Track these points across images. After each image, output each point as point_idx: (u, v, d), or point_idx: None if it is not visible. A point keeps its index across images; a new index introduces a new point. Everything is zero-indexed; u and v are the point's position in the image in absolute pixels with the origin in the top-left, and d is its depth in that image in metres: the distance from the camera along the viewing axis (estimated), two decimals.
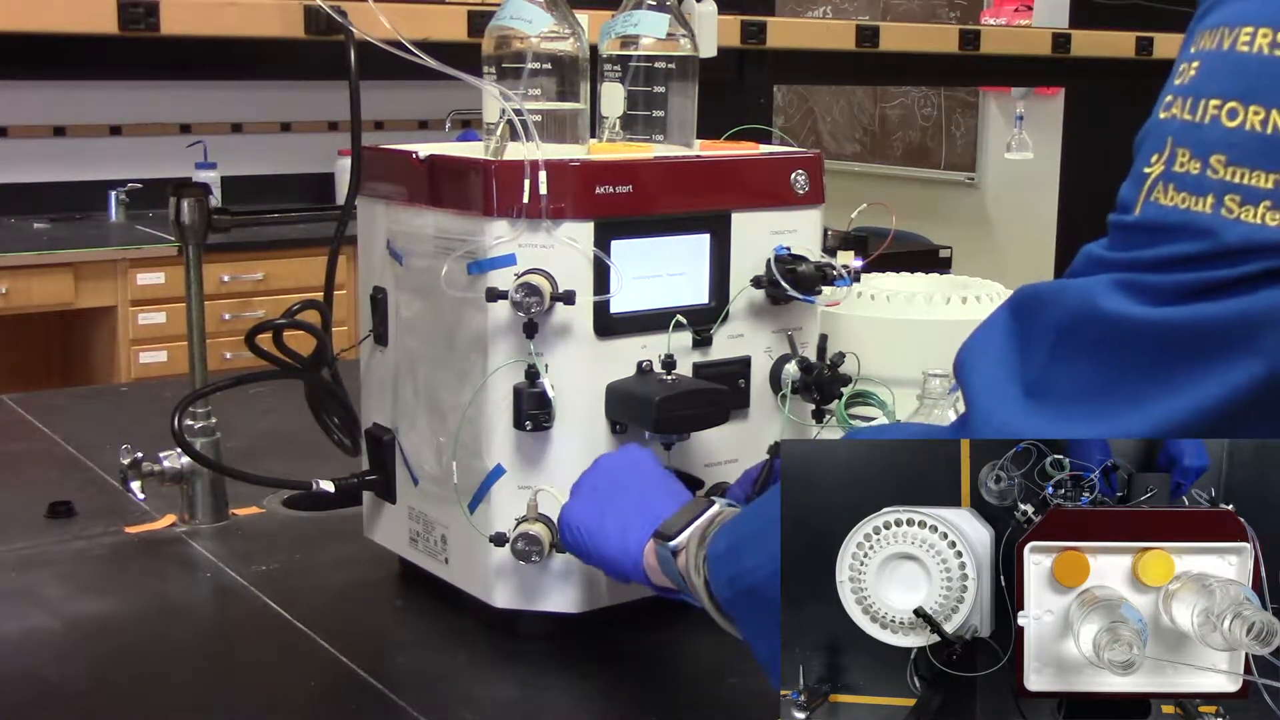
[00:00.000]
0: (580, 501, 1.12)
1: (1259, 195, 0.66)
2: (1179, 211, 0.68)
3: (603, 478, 1.12)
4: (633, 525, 1.05)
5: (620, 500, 1.09)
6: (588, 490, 1.12)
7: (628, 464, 1.12)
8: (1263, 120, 0.66)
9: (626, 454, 1.14)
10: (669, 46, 1.26)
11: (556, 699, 1.14)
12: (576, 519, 1.11)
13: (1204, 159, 0.67)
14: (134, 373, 3.85)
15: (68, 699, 1.14)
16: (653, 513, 1.04)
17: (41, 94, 4.26)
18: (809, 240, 1.27)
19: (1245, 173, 0.66)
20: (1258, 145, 0.66)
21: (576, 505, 1.12)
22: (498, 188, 1.14)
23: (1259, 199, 0.66)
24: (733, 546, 0.93)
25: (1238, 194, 0.66)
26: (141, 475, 1.47)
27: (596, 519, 1.09)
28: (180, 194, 1.48)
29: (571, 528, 1.11)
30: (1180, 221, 0.68)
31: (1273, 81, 0.66)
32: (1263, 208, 0.66)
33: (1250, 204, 0.66)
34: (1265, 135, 0.66)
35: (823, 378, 1.25)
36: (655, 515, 1.04)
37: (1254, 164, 0.66)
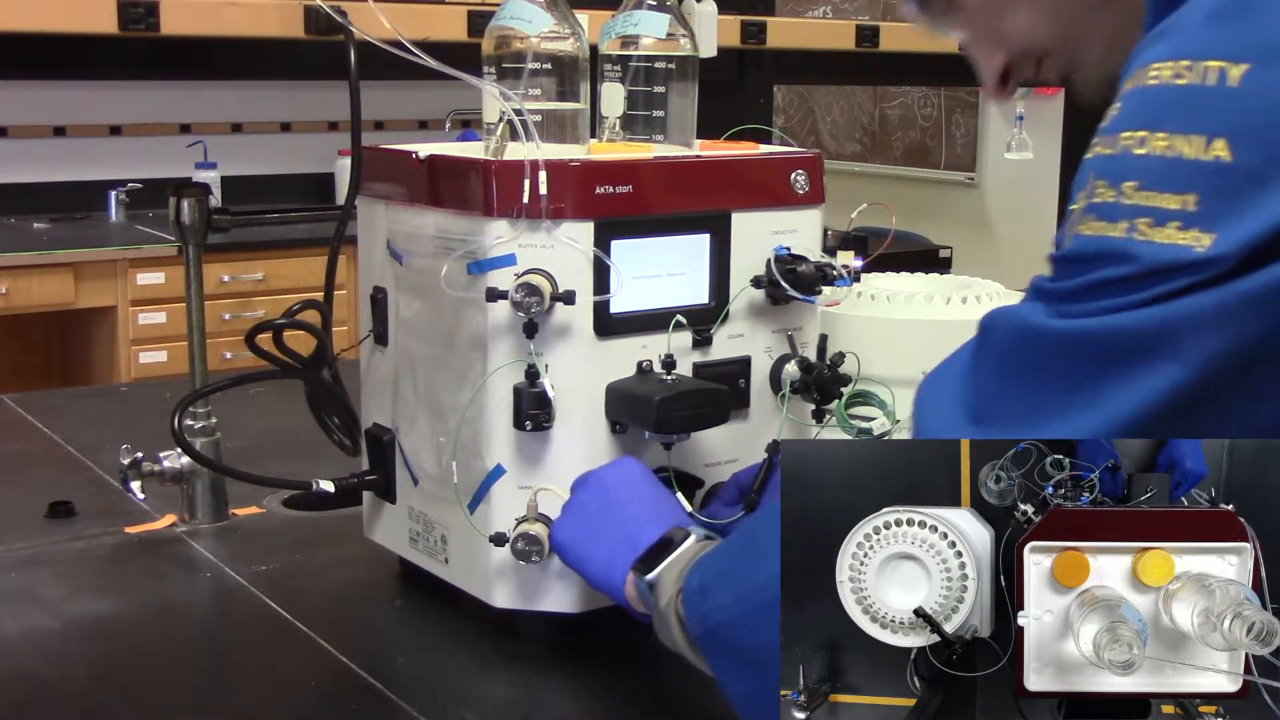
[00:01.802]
0: (567, 523, 1.12)
1: (1167, 216, 0.68)
2: (1097, 239, 0.71)
3: (590, 497, 1.12)
4: (616, 552, 1.06)
5: (605, 524, 1.09)
6: (575, 511, 1.12)
7: (616, 482, 1.12)
8: (1166, 145, 0.69)
9: (616, 470, 1.13)
10: (669, 46, 1.26)
11: (556, 699, 1.14)
12: (564, 541, 1.12)
13: (1118, 187, 0.70)
14: (134, 373, 3.84)
15: (68, 699, 1.14)
16: (636, 540, 1.05)
17: (41, 94, 4.26)
18: (809, 240, 1.27)
19: (1154, 195, 0.69)
20: (1163, 169, 0.69)
21: (564, 526, 1.12)
22: (498, 188, 1.14)
23: (1167, 220, 0.68)
24: (704, 584, 0.94)
25: (1149, 216, 0.69)
26: (141, 475, 1.47)
27: (583, 544, 1.10)
28: (180, 194, 1.48)
29: (560, 548, 1.12)
30: (1098, 249, 0.71)
31: (1174, 109, 0.70)
32: (1172, 227, 0.68)
33: (1160, 225, 0.69)
34: (1169, 159, 0.69)
35: (823, 378, 1.25)
36: (638, 543, 1.05)
37: (1161, 187, 0.69)
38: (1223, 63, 0.68)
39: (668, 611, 0.98)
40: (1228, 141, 0.67)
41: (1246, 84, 0.67)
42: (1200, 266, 0.67)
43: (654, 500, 1.11)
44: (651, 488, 1.12)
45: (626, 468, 1.13)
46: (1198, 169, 0.68)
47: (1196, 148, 0.68)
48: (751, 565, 0.88)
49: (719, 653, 0.92)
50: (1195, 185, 0.68)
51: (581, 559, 1.10)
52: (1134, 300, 0.69)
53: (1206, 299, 0.67)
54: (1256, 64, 0.67)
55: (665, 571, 1.01)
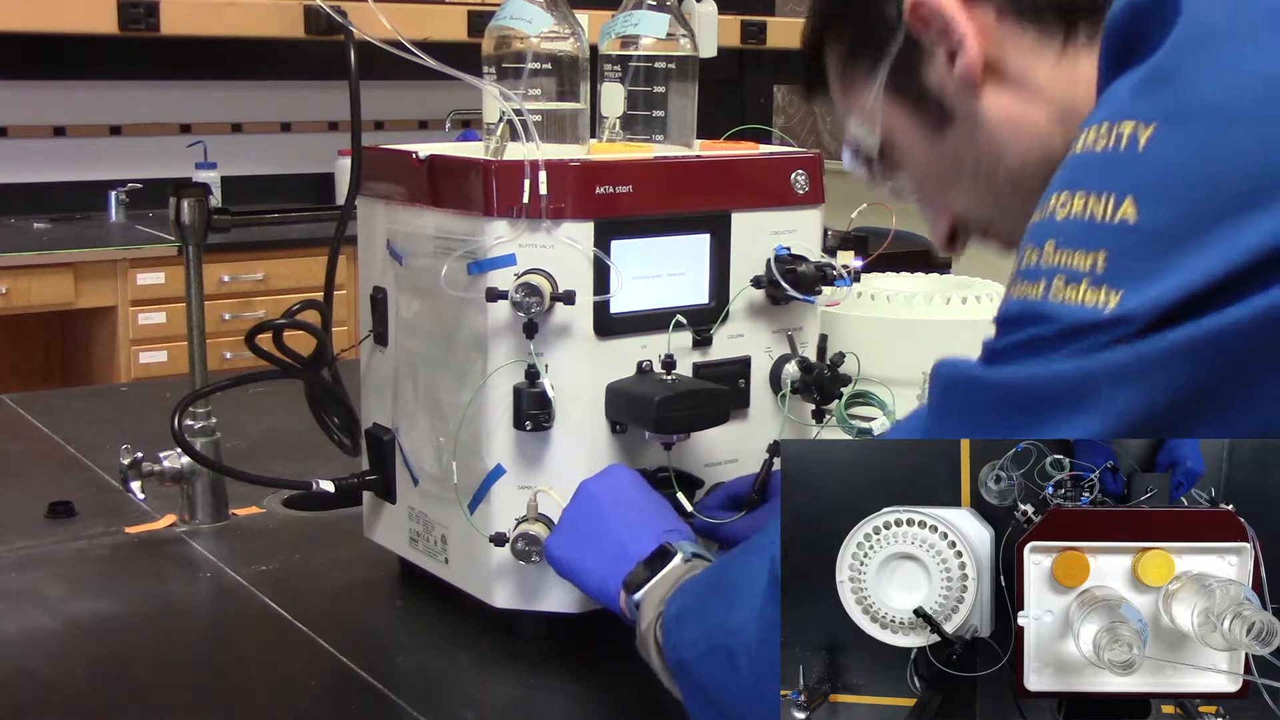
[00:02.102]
0: (562, 537, 1.13)
1: (1079, 275, 0.70)
2: (1020, 302, 0.73)
3: (581, 509, 1.13)
4: (609, 562, 1.07)
5: (597, 535, 1.10)
6: (569, 524, 1.13)
7: (605, 491, 1.13)
8: (1083, 205, 0.70)
9: (605, 479, 1.14)
10: (669, 46, 1.26)
11: (556, 699, 1.14)
12: (559, 555, 1.12)
13: (1040, 248, 0.72)
14: (134, 373, 3.84)
15: (68, 699, 1.14)
16: (627, 549, 1.06)
17: (41, 94, 4.26)
18: (809, 240, 1.27)
19: (1069, 254, 0.70)
20: (1077, 229, 0.70)
21: (559, 541, 1.13)
22: (498, 188, 1.14)
23: (1079, 278, 0.70)
24: (679, 614, 0.95)
25: (1063, 275, 0.70)
26: (141, 475, 1.47)
27: (579, 558, 1.10)
28: (180, 194, 1.48)
29: (555, 563, 1.13)
30: (1020, 310, 0.73)
31: (1090, 170, 0.71)
32: (1084, 285, 0.69)
33: (1074, 283, 0.70)
34: (1083, 220, 0.70)
35: (823, 378, 1.25)
36: (629, 551, 1.06)
37: (1074, 246, 0.70)
38: (1134, 124, 0.70)
39: (648, 635, 1.00)
40: (1134, 201, 0.69)
41: (1152, 145, 0.69)
42: (1109, 325, 0.68)
43: (644, 506, 1.11)
44: (641, 493, 1.13)
45: (614, 476, 1.14)
46: (1106, 229, 0.69)
47: (1106, 208, 0.70)
48: (721, 605, 0.90)
49: (686, 685, 0.95)
50: (1104, 244, 0.69)
51: (576, 571, 1.11)
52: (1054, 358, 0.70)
53: (1120, 354, 0.68)
54: (1163, 124, 0.69)
55: (649, 593, 1.02)
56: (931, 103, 0.90)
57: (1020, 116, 0.87)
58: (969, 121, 0.89)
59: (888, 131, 0.94)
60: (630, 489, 1.13)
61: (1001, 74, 0.87)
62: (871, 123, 0.95)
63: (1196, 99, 0.68)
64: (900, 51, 0.90)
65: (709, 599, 0.92)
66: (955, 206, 0.95)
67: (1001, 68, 0.87)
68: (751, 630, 0.85)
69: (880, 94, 0.92)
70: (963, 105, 0.89)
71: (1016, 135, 0.87)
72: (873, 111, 0.94)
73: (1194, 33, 0.69)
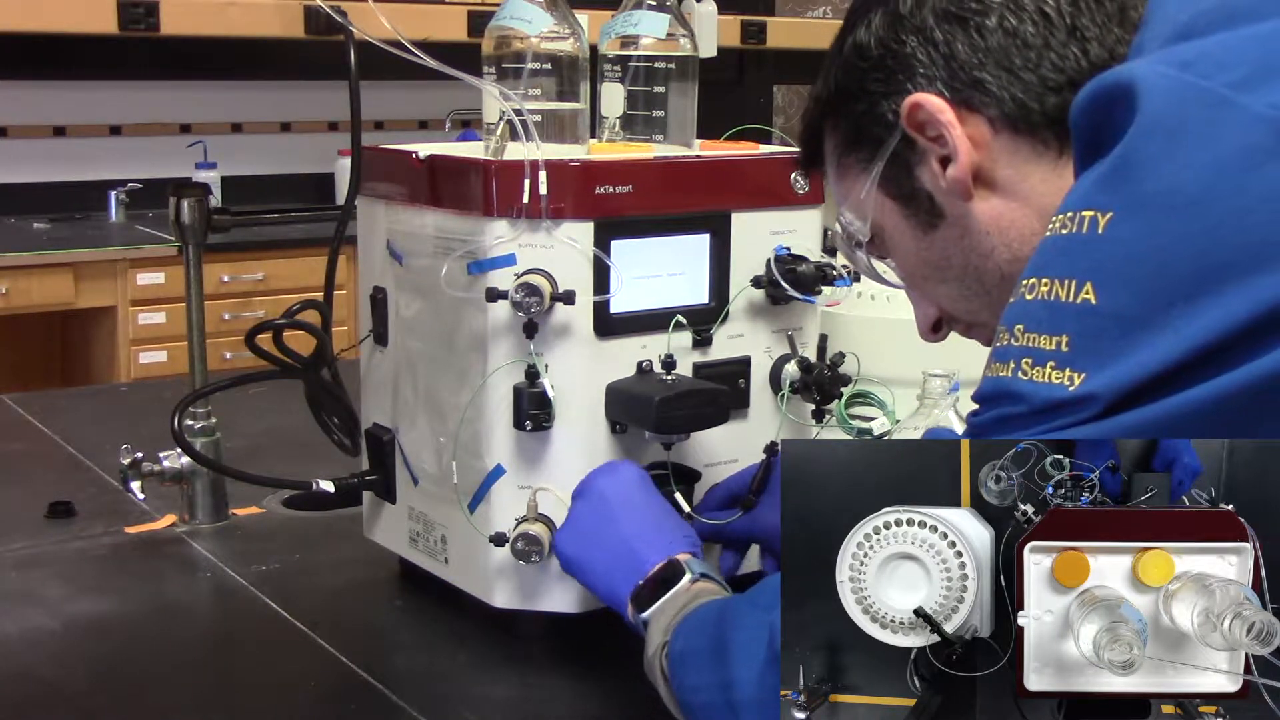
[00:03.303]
0: (571, 534, 1.13)
1: (1045, 356, 0.73)
2: (993, 380, 0.76)
3: (591, 507, 1.13)
4: (618, 569, 1.08)
5: (607, 539, 1.10)
6: (577, 521, 1.13)
7: (617, 493, 1.12)
8: (1048, 290, 0.74)
9: (616, 478, 1.14)
10: (669, 46, 1.26)
11: (556, 699, 1.14)
12: (569, 553, 1.12)
13: (1011, 330, 0.75)
14: (134, 373, 3.84)
15: (68, 699, 1.14)
16: (637, 561, 1.06)
17: (41, 94, 4.25)
18: (809, 240, 1.27)
19: (1035, 337, 0.74)
20: (1044, 312, 0.74)
21: (567, 538, 1.13)
22: (498, 188, 1.14)
23: (1045, 360, 0.73)
24: (683, 655, 0.97)
25: (1030, 356, 0.74)
26: (141, 475, 1.47)
27: (588, 560, 1.11)
28: (180, 194, 1.48)
29: (565, 560, 1.13)
30: (992, 389, 0.76)
31: (1055, 256, 0.74)
32: (1048, 367, 0.73)
33: (1039, 365, 0.73)
34: (1049, 302, 0.74)
35: (823, 378, 1.25)
36: (639, 565, 1.06)
37: (1041, 329, 0.74)
38: (1094, 212, 0.73)
39: (654, 661, 1.00)
40: (1094, 285, 0.72)
41: (1109, 231, 0.72)
42: (1074, 405, 0.71)
43: (655, 509, 1.12)
44: (650, 495, 1.13)
45: (625, 474, 1.14)
46: (1069, 311, 0.72)
47: (1069, 291, 0.73)
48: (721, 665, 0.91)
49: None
50: (1067, 327, 0.72)
51: (585, 572, 1.11)
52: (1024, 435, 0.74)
53: (1086, 432, 0.71)
54: (1120, 212, 0.72)
55: (657, 616, 1.02)
56: (922, 201, 0.92)
57: (1010, 222, 0.88)
58: (958, 223, 0.91)
59: (879, 222, 0.96)
60: (639, 490, 1.13)
61: (992, 182, 0.88)
62: (864, 213, 0.96)
63: (1149, 188, 0.71)
64: (896, 150, 0.92)
65: (708, 656, 0.93)
66: (941, 300, 0.97)
67: (993, 177, 0.88)
68: (752, 690, 0.87)
69: (874, 187, 0.94)
70: (953, 208, 0.90)
71: (1006, 238, 0.89)
72: (865, 202, 0.95)
73: (1148, 125, 0.72)
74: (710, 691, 0.92)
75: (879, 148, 0.92)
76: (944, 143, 0.88)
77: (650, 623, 1.02)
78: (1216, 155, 0.70)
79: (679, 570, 1.04)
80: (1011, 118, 0.86)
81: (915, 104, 0.88)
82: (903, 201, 0.93)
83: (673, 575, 1.04)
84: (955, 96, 0.87)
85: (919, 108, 0.88)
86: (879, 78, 0.91)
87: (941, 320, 0.99)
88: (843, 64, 0.94)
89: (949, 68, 0.88)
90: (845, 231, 0.99)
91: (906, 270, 0.98)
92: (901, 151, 0.91)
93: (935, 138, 0.88)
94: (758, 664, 0.87)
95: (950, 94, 0.87)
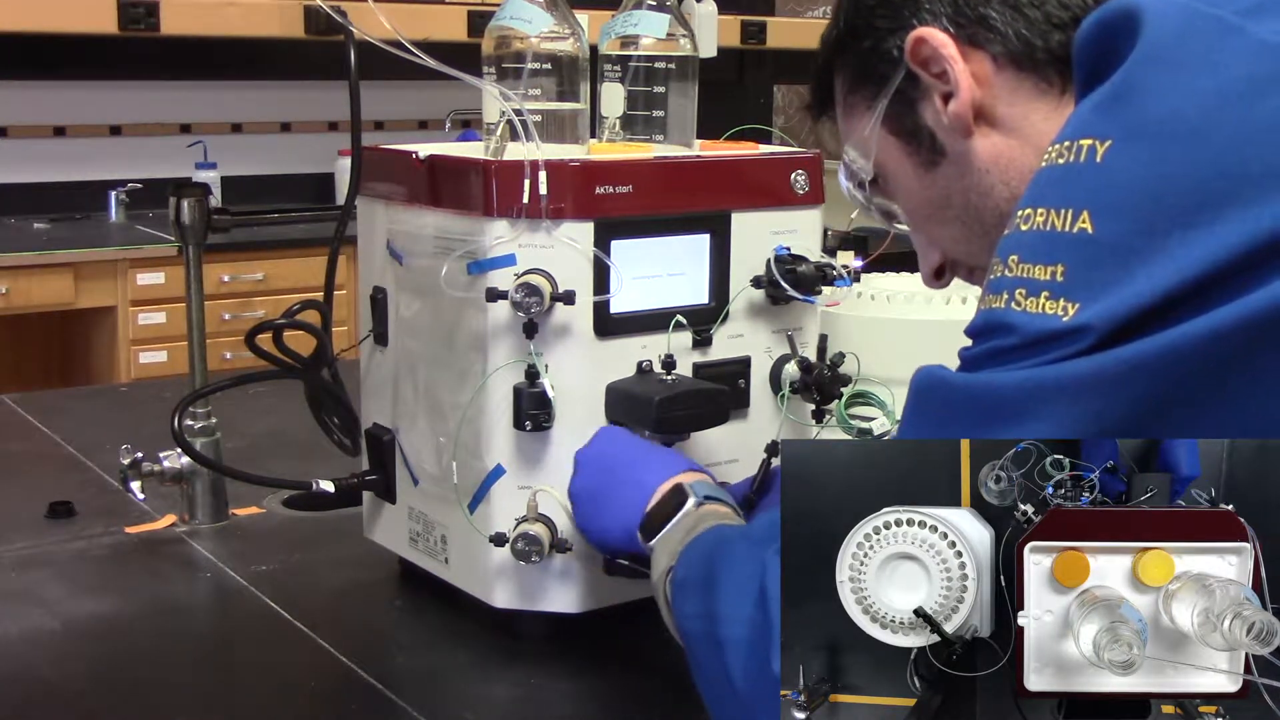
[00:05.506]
0: (581, 506, 1.14)
1: (1039, 286, 0.72)
2: (985, 312, 0.76)
3: (588, 473, 1.14)
4: (626, 509, 1.08)
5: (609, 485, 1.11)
6: (581, 492, 1.14)
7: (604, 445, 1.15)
8: (1044, 220, 0.73)
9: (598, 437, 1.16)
10: (669, 46, 1.26)
11: (556, 699, 1.14)
12: (581, 491, 1.13)
13: (1005, 261, 0.75)
14: (134, 373, 3.84)
15: (68, 699, 1.14)
16: (641, 486, 1.07)
17: (41, 94, 4.25)
18: (809, 240, 1.27)
19: (1029, 267, 0.73)
20: (1038, 242, 0.73)
21: (581, 513, 1.14)
22: (498, 188, 1.14)
23: (1039, 290, 0.72)
24: (682, 583, 0.96)
25: (1024, 287, 0.73)
26: (141, 475, 1.47)
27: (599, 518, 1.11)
28: (180, 194, 1.48)
29: (578, 500, 1.13)
30: (985, 321, 0.76)
31: (1052, 186, 0.74)
32: (1043, 297, 0.72)
33: (1033, 295, 0.72)
34: (1044, 232, 0.73)
35: (823, 378, 1.25)
36: (644, 489, 1.06)
37: (1035, 259, 0.73)
38: (1092, 140, 0.72)
39: (658, 585, 1.00)
40: (1090, 214, 0.71)
41: (1108, 159, 0.71)
42: (1068, 336, 0.70)
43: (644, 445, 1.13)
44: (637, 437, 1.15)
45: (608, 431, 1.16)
46: (1065, 241, 0.71)
47: (1065, 221, 0.72)
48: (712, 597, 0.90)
49: (688, 650, 0.95)
50: (1063, 257, 0.71)
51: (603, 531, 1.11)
52: (1015, 367, 0.73)
53: (1078, 367, 0.70)
54: (1119, 140, 0.71)
55: (663, 541, 1.02)
56: (925, 139, 0.92)
57: (1009, 160, 0.88)
58: (959, 161, 0.91)
59: (882, 161, 0.96)
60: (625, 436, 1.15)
61: (994, 119, 0.88)
62: (867, 151, 0.96)
63: (1150, 115, 0.71)
64: (900, 86, 0.92)
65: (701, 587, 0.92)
66: (943, 242, 0.97)
67: (995, 114, 0.88)
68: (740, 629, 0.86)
69: (878, 125, 0.94)
70: (953, 145, 0.90)
71: (1006, 176, 0.89)
72: (869, 140, 0.95)
73: (1151, 52, 0.71)
74: (702, 621, 0.91)
75: (884, 84, 0.93)
76: (947, 78, 0.88)
77: (656, 549, 1.02)
78: (1220, 83, 0.69)
79: (684, 495, 1.04)
80: (1015, 55, 0.86)
81: (919, 39, 0.88)
82: (905, 139, 0.93)
83: (679, 500, 1.04)
84: (960, 32, 0.88)
85: (923, 42, 0.88)
86: (885, 14, 0.92)
87: (944, 266, 0.99)
88: (852, 2, 0.95)
89: (954, 3, 0.88)
90: (849, 170, 0.99)
91: (909, 210, 0.98)
92: (905, 88, 0.92)
93: (938, 73, 0.89)
94: (748, 602, 0.86)
95: (955, 30, 0.88)
